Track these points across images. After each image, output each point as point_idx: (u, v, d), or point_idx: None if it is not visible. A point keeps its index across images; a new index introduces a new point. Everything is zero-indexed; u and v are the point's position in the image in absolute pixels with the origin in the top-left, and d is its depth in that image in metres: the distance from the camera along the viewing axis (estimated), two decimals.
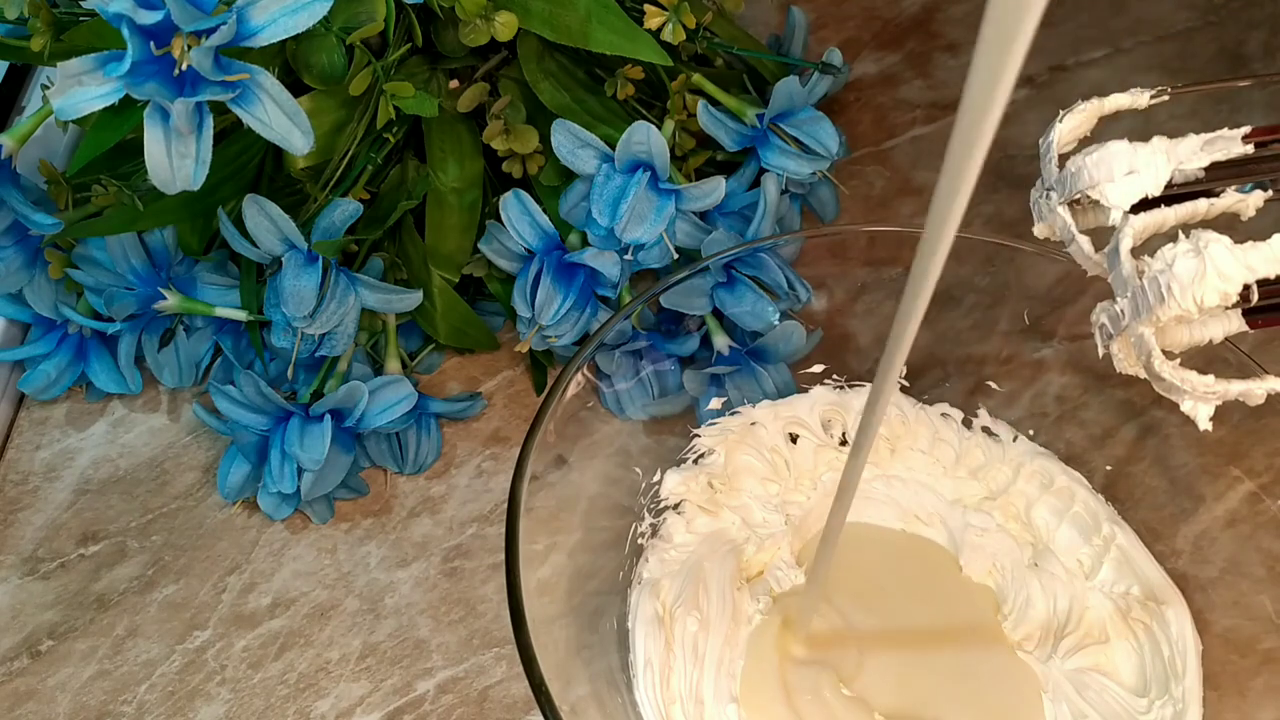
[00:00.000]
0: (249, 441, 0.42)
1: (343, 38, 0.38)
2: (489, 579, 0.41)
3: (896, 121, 0.55)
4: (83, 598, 0.42)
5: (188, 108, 0.32)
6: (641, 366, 0.41)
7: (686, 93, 0.44)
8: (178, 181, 0.33)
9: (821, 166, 0.44)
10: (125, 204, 0.41)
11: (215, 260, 0.44)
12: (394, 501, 0.44)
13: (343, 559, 0.42)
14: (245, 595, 0.42)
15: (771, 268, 0.41)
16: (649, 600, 0.37)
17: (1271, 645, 0.34)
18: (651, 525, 0.39)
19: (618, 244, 0.41)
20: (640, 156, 0.41)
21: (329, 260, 0.40)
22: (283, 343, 0.41)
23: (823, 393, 0.42)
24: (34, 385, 0.46)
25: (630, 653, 0.36)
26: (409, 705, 0.38)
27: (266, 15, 0.32)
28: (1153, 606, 0.36)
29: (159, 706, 0.39)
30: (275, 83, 0.33)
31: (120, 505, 0.45)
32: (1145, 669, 0.35)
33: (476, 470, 0.45)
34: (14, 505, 0.45)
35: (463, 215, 0.45)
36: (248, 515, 0.44)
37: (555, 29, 0.40)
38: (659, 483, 0.40)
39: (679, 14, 0.42)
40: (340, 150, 0.42)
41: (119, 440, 0.47)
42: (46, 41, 0.37)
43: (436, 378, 0.47)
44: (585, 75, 0.45)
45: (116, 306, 0.42)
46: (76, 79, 0.32)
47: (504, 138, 0.43)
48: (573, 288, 0.42)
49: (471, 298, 0.47)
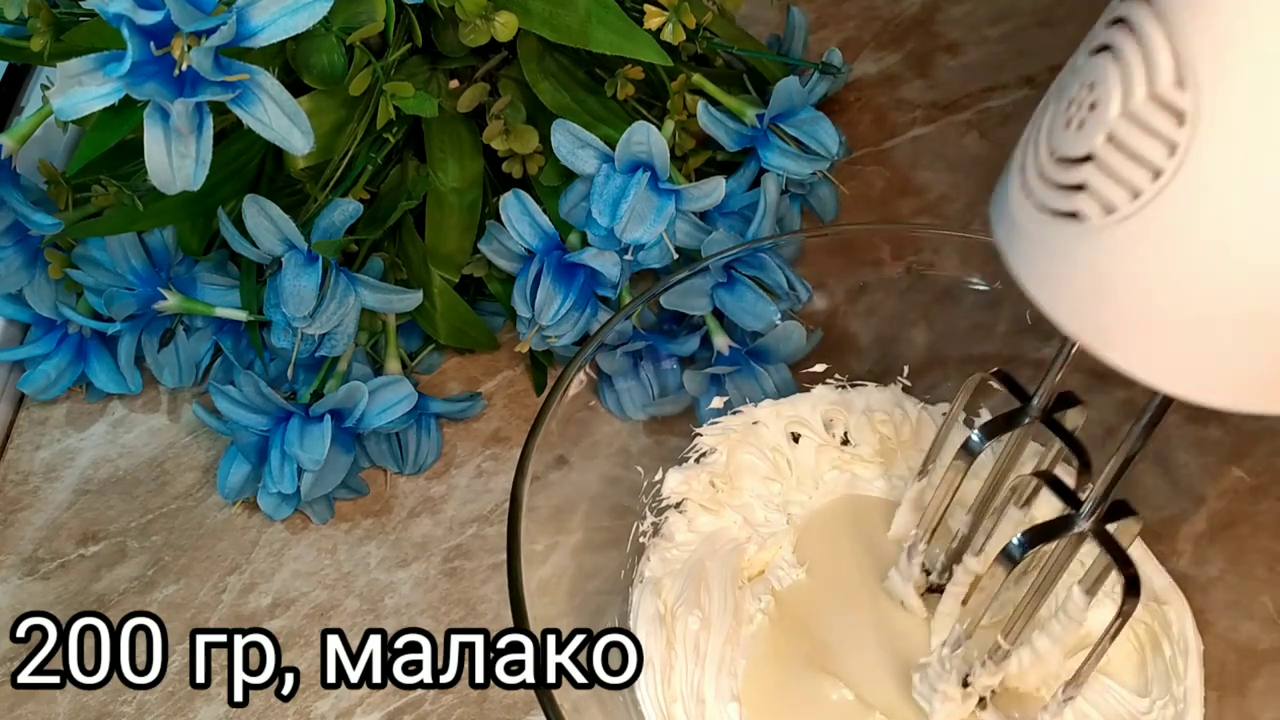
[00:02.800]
0: (249, 441, 0.42)
1: (343, 38, 0.38)
2: (489, 579, 0.41)
3: (896, 121, 0.55)
4: (83, 598, 0.42)
5: (188, 108, 0.32)
6: (642, 366, 0.41)
7: (686, 93, 0.44)
8: (178, 181, 0.33)
9: (821, 166, 0.44)
10: (125, 204, 0.41)
11: (215, 260, 0.44)
12: (394, 502, 0.44)
13: (343, 559, 0.42)
14: (245, 595, 0.42)
15: (772, 268, 0.41)
16: (650, 599, 0.37)
17: (1271, 645, 0.34)
18: (653, 524, 0.39)
19: (618, 244, 0.41)
20: (640, 156, 0.41)
21: (329, 260, 0.40)
22: (283, 343, 0.41)
23: (825, 392, 0.42)
24: (34, 385, 0.46)
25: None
26: (409, 705, 0.38)
27: (266, 15, 0.32)
28: (1154, 607, 0.36)
29: (159, 707, 0.39)
30: (275, 83, 0.33)
31: (120, 505, 0.45)
32: (1146, 669, 0.35)
33: (476, 470, 0.45)
34: (14, 505, 0.45)
35: (463, 215, 0.45)
36: (248, 515, 0.44)
37: (555, 29, 0.40)
38: (660, 481, 0.40)
39: (679, 14, 0.42)
40: (340, 150, 0.42)
41: (119, 440, 0.47)
42: (46, 41, 0.37)
43: (436, 378, 0.47)
44: (585, 75, 0.45)
45: (116, 306, 0.42)
46: (76, 79, 0.32)
47: (504, 138, 0.43)
48: (573, 288, 0.42)
49: (471, 298, 0.47)
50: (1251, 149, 0.19)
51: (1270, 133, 0.19)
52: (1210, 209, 0.20)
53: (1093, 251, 0.21)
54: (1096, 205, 0.21)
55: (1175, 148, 0.20)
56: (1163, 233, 0.20)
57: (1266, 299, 0.20)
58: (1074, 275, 0.22)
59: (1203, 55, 0.19)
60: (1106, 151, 0.21)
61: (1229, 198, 0.19)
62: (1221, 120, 0.19)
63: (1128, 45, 0.21)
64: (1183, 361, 0.21)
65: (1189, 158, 0.20)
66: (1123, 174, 0.20)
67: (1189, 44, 0.19)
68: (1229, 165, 0.19)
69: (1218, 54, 0.19)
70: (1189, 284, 0.20)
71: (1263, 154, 0.19)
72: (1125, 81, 0.21)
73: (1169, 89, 0.20)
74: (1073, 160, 0.22)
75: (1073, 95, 0.22)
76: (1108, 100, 0.21)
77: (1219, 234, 0.20)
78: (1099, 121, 0.21)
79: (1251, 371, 0.21)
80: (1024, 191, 0.23)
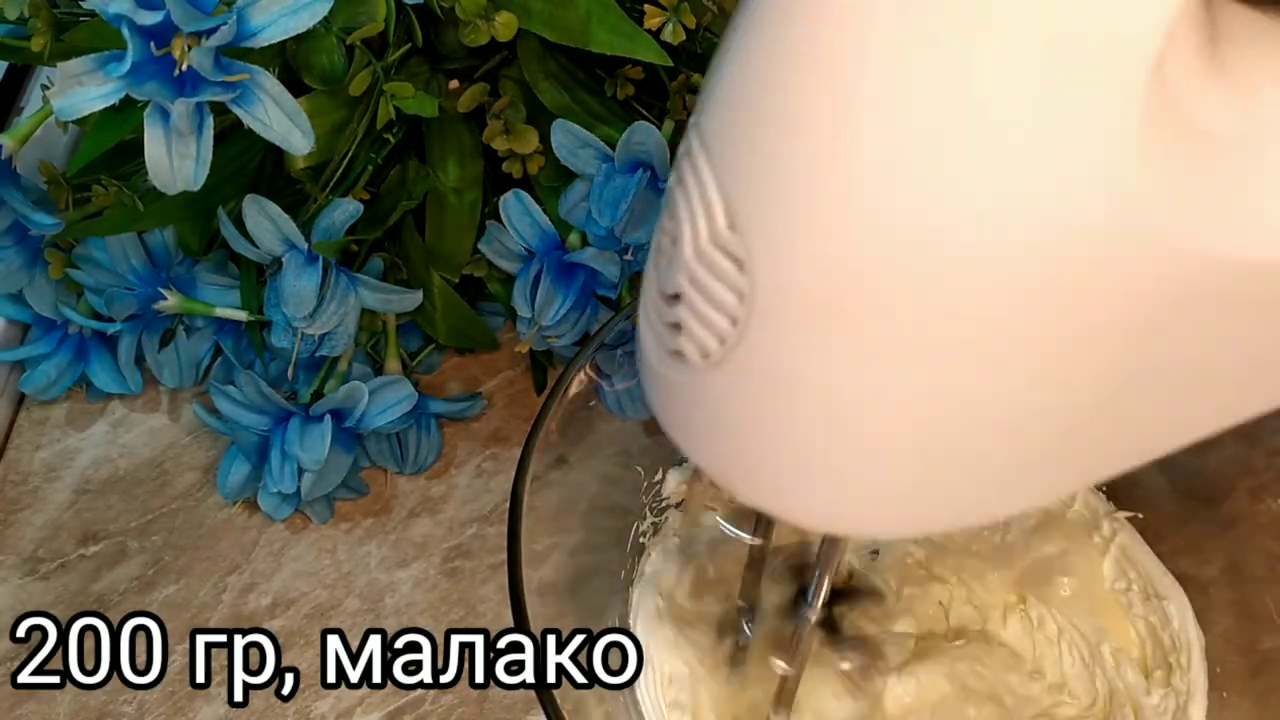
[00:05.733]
0: (249, 442, 0.42)
1: (343, 38, 0.38)
2: (489, 579, 0.41)
3: None
4: (83, 598, 0.42)
5: (188, 108, 0.32)
6: None
7: (686, 93, 0.44)
8: (178, 182, 0.33)
9: None
10: (125, 204, 0.41)
11: (215, 260, 0.44)
12: (394, 502, 0.44)
13: (343, 559, 0.42)
14: (245, 595, 0.42)
15: None
16: (650, 597, 0.37)
17: (1272, 645, 0.34)
18: (653, 524, 0.39)
19: (618, 244, 0.41)
20: (640, 156, 0.41)
21: (329, 260, 0.40)
22: (283, 343, 0.41)
23: None
24: (34, 385, 0.46)
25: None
26: (409, 705, 0.38)
27: (267, 16, 0.32)
28: (1154, 602, 0.36)
29: (159, 707, 0.39)
30: (275, 83, 0.33)
31: (120, 505, 0.45)
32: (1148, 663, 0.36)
33: (476, 470, 0.45)
34: (14, 505, 0.45)
35: (463, 215, 0.45)
36: (248, 515, 0.44)
37: (555, 29, 0.40)
38: (661, 481, 0.40)
39: (679, 14, 0.42)
40: (340, 150, 0.42)
41: (119, 440, 0.47)
42: (46, 42, 0.37)
43: (436, 378, 0.47)
44: (585, 75, 0.45)
45: (117, 306, 0.42)
46: (76, 79, 0.32)
47: (504, 138, 0.43)
48: (573, 288, 0.42)
49: (471, 298, 0.47)
50: (806, 294, 0.17)
51: (819, 280, 0.17)
52: (783, 357, 0.18)
53: (697, 391, 0.20)
54: (693, 348, 0.20)
55: (742, 295, 0.18)
56: (747, 379, 0.19)
57: (853, 436, 0.19)
58: (689, 412, 0.21)
59: (744, 196, 0.18)
60: (691, 292, 0.19)
61: (795, 349, 0.18)
62: (770, 266, 0.18)
63: (690, 178, 0.19)
64: (804, 495, 0.21)
65: (755, 304, 0.18)
66: (707, 317, 0.19)
67: (731, 182, 0.18)
68: (789, 315, 0.18)
69: (756, 194, 0.18)
70: (785, 424, 0.19)
71: (816, 301, 0.17)
72: (691, 219, 0.19)
73: (724, 232, 0.18)
74: (669, 297, 0.20)
75: (664, 225, 0.20)
76: (680, 238, 0.19)
77: (798, 379, 0.19)
78: (680, 260, 0.19)
79: (875, 497, 0.20)
80: (646, 322, 0.22)
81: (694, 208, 0.19)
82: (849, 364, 0.18)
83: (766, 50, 0.17)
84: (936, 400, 0.18)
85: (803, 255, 0.17)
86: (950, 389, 0.18)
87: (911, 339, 0.17)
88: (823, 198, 0.17)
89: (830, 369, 0.18)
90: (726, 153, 0.18)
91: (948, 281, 0.16)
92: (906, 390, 0.18)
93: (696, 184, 0.19)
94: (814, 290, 0.17)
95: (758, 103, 0.17)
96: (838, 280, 0.17)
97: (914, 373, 0.18)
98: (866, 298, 0.17)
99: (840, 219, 0.17)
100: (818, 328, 0.18)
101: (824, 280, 0.17)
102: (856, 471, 0.20)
